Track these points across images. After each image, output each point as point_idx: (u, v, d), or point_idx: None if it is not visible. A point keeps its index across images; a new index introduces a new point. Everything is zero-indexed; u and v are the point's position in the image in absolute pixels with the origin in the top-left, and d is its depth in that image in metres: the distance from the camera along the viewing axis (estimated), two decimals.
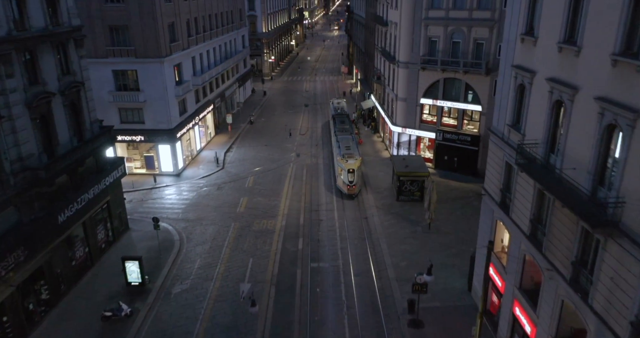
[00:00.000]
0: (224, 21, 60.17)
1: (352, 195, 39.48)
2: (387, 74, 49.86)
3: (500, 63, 22.75)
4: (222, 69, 56.71)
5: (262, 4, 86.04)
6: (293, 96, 76.15)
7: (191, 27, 48.06)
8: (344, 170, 38.90)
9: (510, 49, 21.28)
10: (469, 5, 38.71)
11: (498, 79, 23.35)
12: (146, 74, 41.04)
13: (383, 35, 51.67)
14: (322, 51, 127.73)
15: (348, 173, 38.60)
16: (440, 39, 40.89)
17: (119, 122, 42.66)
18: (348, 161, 38.84)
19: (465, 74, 40.02)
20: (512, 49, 21.08)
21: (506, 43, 21.74)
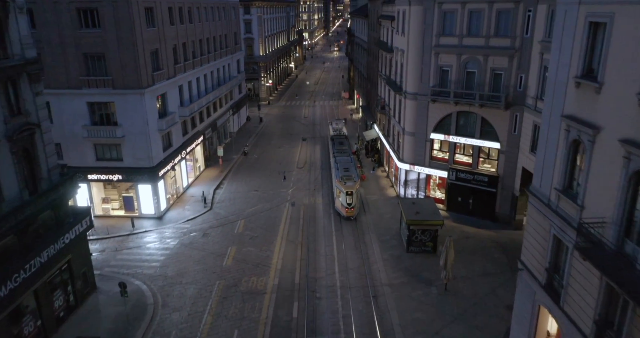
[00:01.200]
0: (217, 46, 56.30)
1: (350, 218, 38.98)
2: (392, 104, 45.64)
3: (544, 108, 18.34)
4: (213, 97, 52.58)
5: (260, 27, 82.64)
6: (291, 123, 71.98)
7: (179, 54, 44.03)
8: (342, 193, 38.61)
9: (558, 94, 16.88)
10: (485, 32, 34.64)
11: (541, 129, 18.88)
12: (125, 107, 36.76)
13: (387, 62, 47.64)
14: (321, 74, 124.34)
15: (346, 195, 38.28)
16: (452, 68, 36.73)
17: (95, 159, 38.26)
18: (346, 183, 38.49)
19: (481, 107, 35.74)
20: (561, 95, 16.69)
21: (552, 85, 17.37)
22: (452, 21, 35.97)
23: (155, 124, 38.64)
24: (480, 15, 34.61)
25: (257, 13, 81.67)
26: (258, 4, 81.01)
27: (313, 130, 67.80)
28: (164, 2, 40.31)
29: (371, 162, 53.64)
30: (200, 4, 50.08)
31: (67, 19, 34.87)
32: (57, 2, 34.47)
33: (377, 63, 54.05)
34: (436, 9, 36.35)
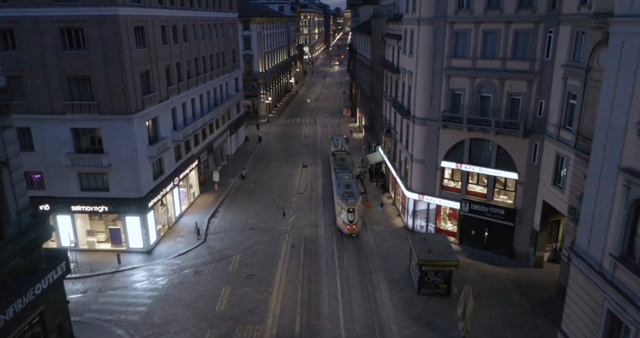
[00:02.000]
0: (214, 64, 53.81)
1: (352, 235, 38.98)
2: (398, 128, 42.92)
3: (592, 156, 15.50)
4: (210, 118, 49.93)
5: (259, 43, 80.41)
6: (291, 143, 69.26)
7: (172, 75, 41.42)
8: (343, 210, 38.68)
9: (613, 143, 14.12)
10: (501, 53, 32.05)
11: (589, 180, 16.02)
12: (112, 134, 34.01)
13: (393, 83, 45.06)
14: (322, 89, 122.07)
15: (348, 212, 38.37)
16: (465, 92, 34.09)
17: (79, 190, 35.44)
18: (348, 200, 38.60)
19: (497, 134, 33.01)
20: (617, 143, 13.91)
21: (603, 131, 14.58)
22: (465, 42, 33.41)
23: (145, 151, 35.86)
24: (496, 36, 32.04)
25: (256, 29, 79.51)
26: (257, 20, 78.89)
27: (314, 151, 65.05)
28: (156, 21, 37.82)
29: (376, 186, 50.80)
30: (197, 22, 47.69)
31: (50, 40, 32.30)
32: (39, 22, 31.94)
33: (382, 83, 51.50)
34: (448, 29, 33.82)
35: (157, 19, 38.17)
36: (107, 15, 31.77)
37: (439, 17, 33.94)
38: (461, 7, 33.09)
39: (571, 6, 28.02)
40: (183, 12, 43.73)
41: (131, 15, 33.69)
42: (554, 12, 29.57)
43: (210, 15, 51.78)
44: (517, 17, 30.93)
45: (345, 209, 38.35)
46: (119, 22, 32.09)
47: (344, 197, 39.14)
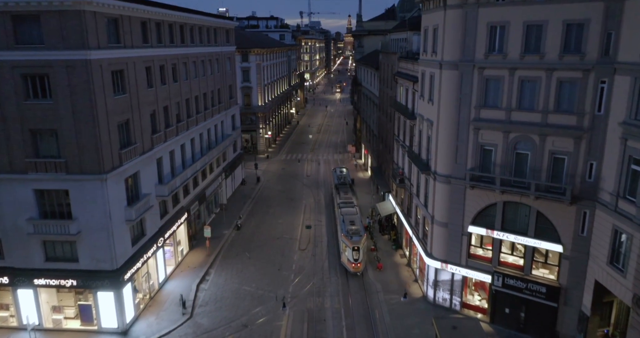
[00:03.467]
0: (209, 103, 49.10)
1: (356, 273, 38.15)
2: (415, 181, 37.83)
3: None
4: (202, 165, 44.92)
5: (259, 75, 76.15)
6: (292, 183, 64.11)
7: (158, 121, 36.57)
8: (348, 248, 37.86)
9: None
10: (541, 105, 27.16)
11: None
12: (81, 196, 28.86)
13: (408, 129, 40.18)
14: (324, 119, 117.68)
15: (353, 251, 37.52)
16: (497, 148, 29.10)
17: (44, 260, 30.18)
18: (353, 238, 37.83)
19: (537, 199, 27.87)
20: None
21: None
22: (498, 91, 28.59)
23: (122, 213, 30.68)
24: (536, 85, 27.20)
25: (255, 61, 75.34)
26: (257, 51, 74.79)
27: (317, 194, 59.85)
28: (139, 62, 33.11)
29: (387, 240, 45.43)
30: (189, 59, 43.11)
31: (10, 88, 27.40)
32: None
33: (393, 125, 46.65)
34: (476, 75, 29.05)
35: (141, 60, 33.47)
36: (78, 60, 26.98)
37: (465, 61, 29.22)
38: (492, 51, 28.38)
39: (631, 53, 23.26)
40: (173, 50, 39.16)
41: (108, 59, 28.94)
42: (607, 59, 24.81)
43: (204, 50, 47.32)
44: (561, 64, 26.15)
45: (349, 247, 37.58)
46: (91, 68, 27.28)
47: (348, 234, 38.45)
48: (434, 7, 31.82)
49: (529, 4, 26.58)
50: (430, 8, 32.84)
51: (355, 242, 37.45)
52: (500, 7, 27.56)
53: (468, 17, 28.63)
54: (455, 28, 29.25)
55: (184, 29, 41.73)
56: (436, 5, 31.35)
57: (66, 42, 26.75)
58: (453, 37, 29.43)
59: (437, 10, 31.07)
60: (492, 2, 27.81)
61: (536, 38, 26.80)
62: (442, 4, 29.82)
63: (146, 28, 34.47)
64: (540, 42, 26.66)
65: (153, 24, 35.41)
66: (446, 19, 29.65)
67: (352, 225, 40.16)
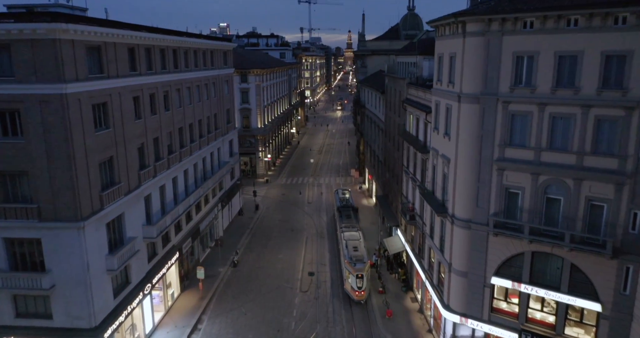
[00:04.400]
0: (204, 130, 46.03)
1: (360, 301, 37.34)
2: (428, 220, 34.53)
3: None
4: (196, 198, 41.65)
5: (258, 96, 73.32)
6: (292, 211, 60.74)
7: (147, 155, 33.45)
8: (351, 275, 36.99)
9: None
10: (576, 146, 24.01)
11: None
12: (56, 246, 25.57)
13: (419, 162, 37.01)
14: (325, 138, 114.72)
15: (357, 278, 36.66)
16: (525, 192, 25.88)
17: (14, 316, 26.78)
18: (356, 265, 37.09)
19: (571, 251, 24.55)
20: None
21: None
22: (525, 128, 25.46)
23: (103, 263, 27.34)
24: (570, 123, 24.08)
25: (255, 81, 72.59)
26: (256, 72, 72.05)
27: (319, 223, 56.49)
28: (125, 92, 30.08)
29: (396, 279, 41.96)
30: (182, 85, 40.15)
31: None
32: None
33: (401, 154, 43.50)
34: (500, 110, 25.95)
35: (128, 90, 30.44)
36: (53, 95, 23.94)
37: (488, 95, 26.15)
38: (519, 83, 25.33)
39: None
40: (165, 77, 36.19)
41: (88, 91, 25.89)
42: None
43: (200, 75, 44.41)
44: (599, 100, 23.06)
45: (353, 274, 36.80)
46: (68, 103, 24.21)
47: (351, 260, 37.70)
48: (450, 34, 28.88)
49: (561, 32, 23.60)
50: (445, 34, 29.91)
51: (359, 269, 36.71)
52: (527, 35, 24.57)
53: (491, 45, 25.64)
54: (476, 57, 26.24)
55: (177, 54, 38.83)
56: (453, 31, 28.41)
57: (40, 75, 23.73)
58: (474, 67, 26.41)
59: (454, 37, 28.12)
60: (518, 30, 24.83)
61: (570, 70, 23.76)
62: (461, 30, 26.87)
63: (134, 55, 31.51)
64: (574, 75, 23.61)
65: (142, 50, 32.46)
66: (466, 47, 26.66)
67: (355, 251, 39.24)
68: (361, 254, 38.75)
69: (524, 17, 24.44)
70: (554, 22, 23.68)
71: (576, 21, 23.20)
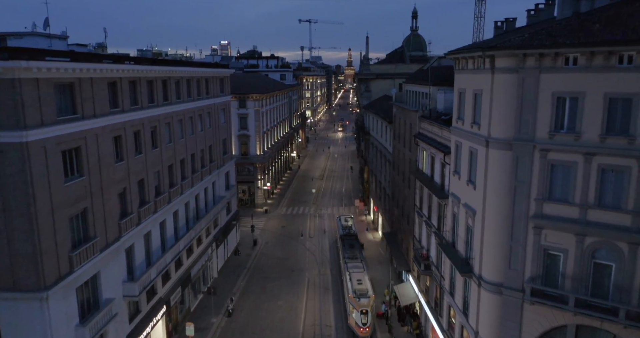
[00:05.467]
0: (198, 165, 42.34)
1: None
2: (448, 275, 30.51)
3: None
4: (187, 242, 37.69)
5: (257, 122, 69.86)
6: (293, 248, 56.63)
7: (130, 200, 29.65)
8: (355, 310, 35.50)
9: None
10: (632, 203, 20.20)
11: None
12: (14, 320, 21.59)
13: (435, 206, 33.18)
14: (327, 161, 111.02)
15: (361, 314, 35.24)
16: (568, 255, 22.00)
17: None
18: (360, 300, 35.62)
19: (626, 328, 20.57)
20: None
21: None
22: (568, 180, 21.71)
23: (72, 336, 23.29)
24: (624, 177, 20.34)
25: (254, 107, 69.21)
26: (256, 97, 68.72)
27: (321, 261, 52.36)
28: (105, 133, 26.43)
29: (407, 333, 37.72)
30: (173, 118, 36.58)
31: None
32: None
33: (413, 193, 39.69)
34: (537, 158, 22.24)
35: (108, 129, 26.81)
36: (10, 144, 20.28)
37: (522, 141, 22.46)
38: (560, 129, 21.68)
39: None
40: (153, 111, 32.63)
41: (56, 137, 22.23)
42: None
43: (193, 105, 40.89)
44: None
45: (357, 310, 35.32)
46: (29, 152, 20.54)
47: (355, 294, 36.18)
48: (474, 68, 25.33)
49: (613, 70, 20.01)
50: (468, 67, 26.38)
51: (363, 304, 35.35)
52: (571, 73, 20.99)
53: (526, 84, 22.05)
54: (507, 97, 22.63)
55: (167, 85, 35.35)
56: (478, 65, 24.88)
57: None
58: (505, 108, 22.79)
59: (479, 72, 24.56)
60: (559, 67, 21.26)
61: (623, 115, 20.13)
62: (489, 65, 23.32)
63: (116, 89, 27.98)
64: (629, 121, 19.97)
65: (126, 84, 28.93)
66: (495, 84, 23.09)
67: (360, 284, 37.71)
68: (365, 288, 37.08)
69: (567, 53, 20.90)
70: (603, 59, 20.12)
71: (630, 58, 19.64)
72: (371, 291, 37.19)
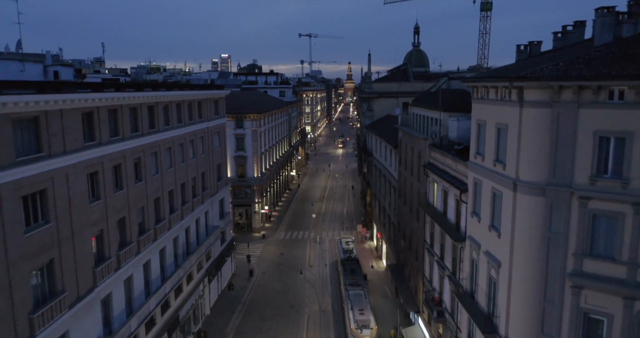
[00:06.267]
0: (188, 195, 39.17)
1: None
2: (466, 328, 27.08)
3: None
4: (175, 282, 34.34)
5: (254, 143, 66.82)
6: (292, 279, 53.11)
7: (108, 243, 26.39)
8: None
9: None
10: None
11: None
12: None
13: (449, 247, 29.89)
14: (327, 180, 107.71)
15: None
16: (613, 321, 18.70)
17: None
18: (362, 331, 34.24)
19: None
20: None
21: None
22: (614, 234, 18.50)
23: None
24: None
25: (251, 126, 66.22)
26: (253, 117, 65.77)
27: (322, 294, 48.86)
28: (77, 171, 23.29)
29: None
30: (160, 146, 33.52)
31: None
32: None
33: (422, 227, 36.43)
34: (576, 207, 19.04)
35: (81, 166, 23.68)
36: None
37: (557, 186, 19.31)
38: (603, 174, 18.53)
39: None
40: (136, 141, 29.55)
41: (15, 181, 19.07)
42: None
43: (184, 131, 37.89)
44: None
45: None
46: None
47: (357, 324, 34.76)
48: (498, 99, 22.29)
49: None
50: (489, 97, 23.34)
51: (366, 335, 34.12)
52: (616, 109, 17.92)
53: (562, 120, 18.98)
54: (539, 135, 19.55)
55: (154, 111, 32.36)
56: (501, 96, 21.85)
57: None
58: (536, 147, 19.69)
59: (504, 104, 21.51)
60: (602, 102, 18.20)
61: None
62: (517, 97, 20.27)
63: (92, 120, 24.94)
64: None
65: (104, 113, 25.89)
66: (524, 119, 20.01)
67: (362, 314, 36.19)
68: (368, 319, 35.65)
69: (611, 86, 17.85)
70: None
71: None
72: (374, 322, 35.42)
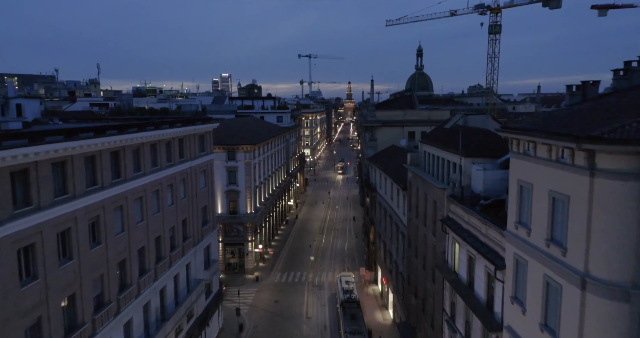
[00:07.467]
0: (166, 248, 33.64)
1: None
2: None
3: None
4: None
5: (248, 176, 61.43)
6: (288, 334, 47.06)
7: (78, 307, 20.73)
8: None
9: None
10: None
11: None
12: None
13: (477, 329, 24.18)
14: (327, 210, 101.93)
15: None
16: None
17: None
18: None
19: None
20: None
21: None
22: None
23: None
24: None
25: (244, 159, 60.95)
26: (247, 148, 60.56)
27: None
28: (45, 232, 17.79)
29: None
30: (128, 198, 28.06)
31: None
32: None
33: (440, 292, 30.75)
34: None
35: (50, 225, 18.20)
36: None
37: None
38: None
39: None
40: (95, 197, 24.12)
41: None
42: None
43: (160, 176, 32.53)
44: None
45: None
46: None
47: None
48: (552, 159, 16.94)
49: None
50: (537, 155, 18.00)
51: None
52: None
53: None
54: (621, 217, 14.16)
55: (120, 157, 26.98)
56: (557, 156, 16.54)
57: None
58: (616, 233, 14.28)
59: (564, 169, 16.17)
60: None
61: None
62: (584, 162, 14.94)
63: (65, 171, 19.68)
64: None
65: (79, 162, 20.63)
66: (596, 193, 14.64)
67: None
68: None
69: None
70: None
71: None
72: None
